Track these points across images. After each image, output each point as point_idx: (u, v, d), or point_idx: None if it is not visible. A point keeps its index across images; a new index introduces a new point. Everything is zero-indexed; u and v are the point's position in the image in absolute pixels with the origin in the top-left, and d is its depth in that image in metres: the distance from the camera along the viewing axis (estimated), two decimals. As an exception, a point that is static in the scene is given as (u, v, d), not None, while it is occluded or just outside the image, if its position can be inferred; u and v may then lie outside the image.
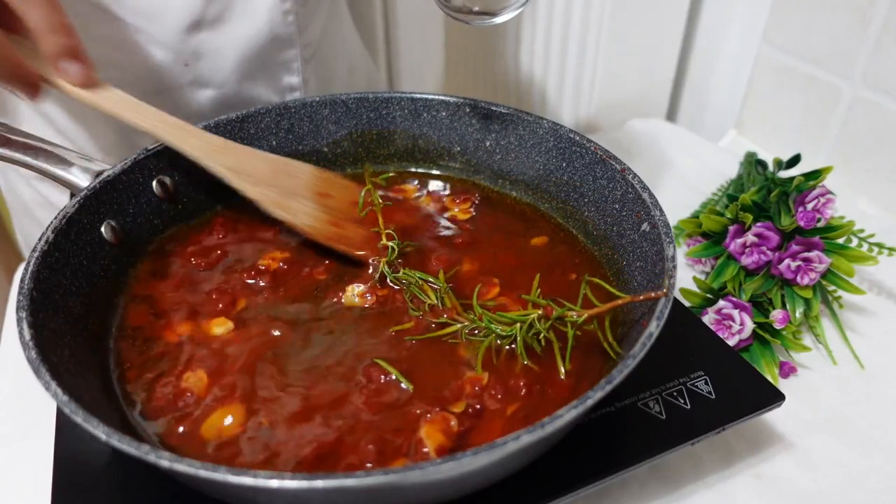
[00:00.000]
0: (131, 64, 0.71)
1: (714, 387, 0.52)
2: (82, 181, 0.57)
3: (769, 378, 0.55)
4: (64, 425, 0.50)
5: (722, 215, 0.70)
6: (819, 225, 0.66)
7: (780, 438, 0.57)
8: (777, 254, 0.65)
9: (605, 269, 0.59)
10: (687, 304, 0.66)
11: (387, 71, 1.22)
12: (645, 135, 1.01)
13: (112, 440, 0.37)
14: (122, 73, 0.71)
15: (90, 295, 0.53)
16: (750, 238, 0.66)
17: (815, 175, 0.69)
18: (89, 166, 0.58)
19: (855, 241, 0.68)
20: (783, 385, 0.62)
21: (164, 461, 0.36)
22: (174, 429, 0.47)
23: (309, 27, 0.79)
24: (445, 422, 0.46)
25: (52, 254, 0.51)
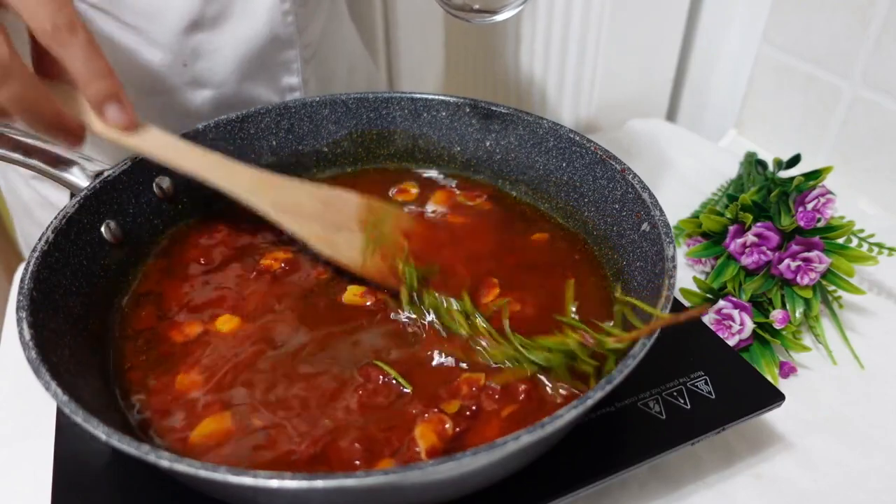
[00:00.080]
0: (130, 64, 0.71)
1: (714, 387, 0.52)
2: (82, 181, 0.57)
3: (769, 378, 0.55)
4: (64, 425, 0.50)
5: (722, 215, 0.70)
6: (819, 225, 0.66)
7: (780, 438, 0.57)
8: (777, 254, 0.65)
9: (605, 269, 0.59)
10: (687, 305, 0.66)
11: (387, 71, 1.22)
12: (645, 135, 1.01)
13: (112, 440, 0.37)
14: (121, 74, 0.71)
15: (90, 295, 0.53)
16: (750, 238, 0.66)
17: (815, 175, 0.69)
18: (89, 166, 0.58)
19: (855, 241, 0.68)
20: (783, 385, 0.62)
21: (164, 461, 0.36)
22: (174, 428, 0.47)
23: (309, 27, 0.79)
24: (441, 423, 0.45)
25: (52, 254, 0.51)
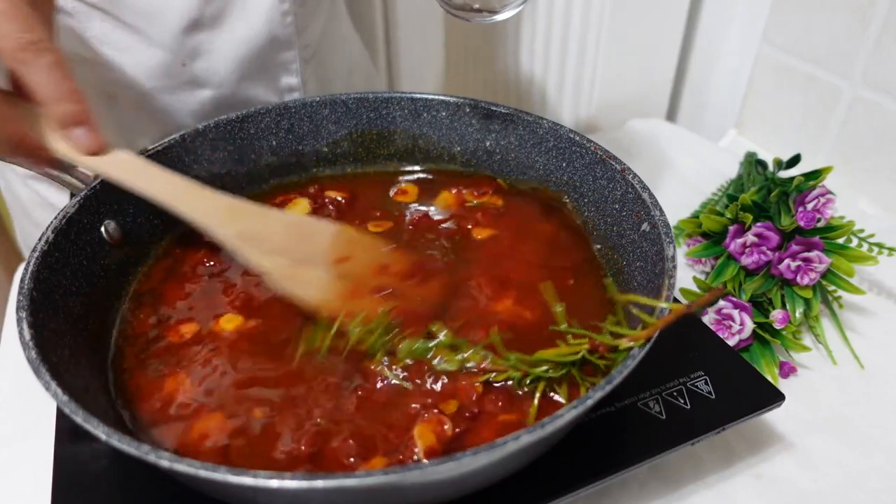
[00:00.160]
0: (129, 64, 0.71)
1: (714, 387, 0.52)
2: (82, 181, 0.57)
3: (769, 378, 0.55)
4: (64, 425, 0.50)
5: (722, 215, 0.69)
6: (819, 225, 0.66)
7: (780, 438, 0.57)
8: (777, 254, 0.65)
9: (605, 269, 0.59)
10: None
11: (387, 71, 1.22)
12: (645, 135, 1.01)
13: (112, 440, 0.37)
14: (120, 74, 0.71)
15: (90, 295, 0.53)
16: (750, 238, 0.66)
17: (816, 175, 0.69)
18: (89, 166, 0.58)
19: (855, 241, 0.68)
20: (783, 385, 0.62)
21: (164, 461, 0.36)
22: (174, 428, 0.47)
23: (308, 28, 0.79)
24: (440, 424, 0.45)
25: (52, 254, 0.51)
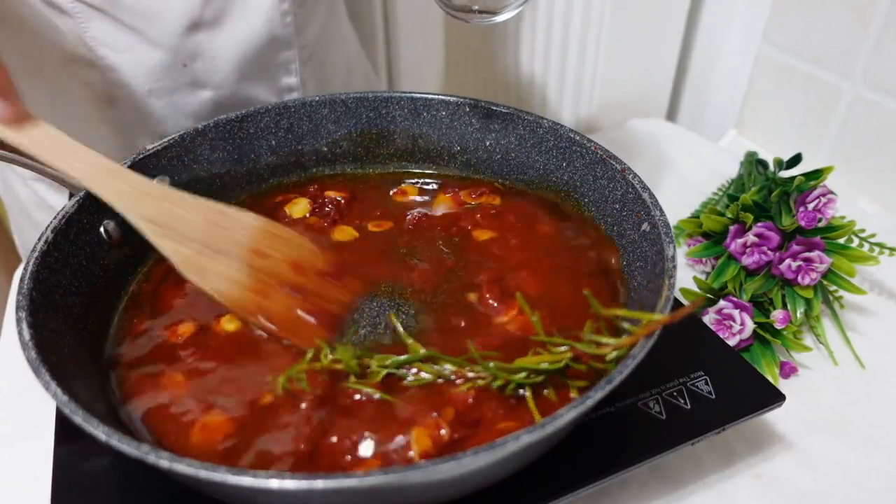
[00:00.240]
0: (129, 65, 0.71)
1: (714, 387, 0.52)
2: (82, 181, 0.56)
3: (769, 378, 0.55)
4: (64, 425, 0.50)
5: (722, 215, 0.69)
6: (820, 225, 0.65)
7: (781, 438, 0.57)
8: (778, 254, 0.65)
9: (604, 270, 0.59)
10: (686, 304, 0.66)
11: (387, 71, 1.22)
12: (645, 135, 1.01)
13: (112, 440, 0.37)
14: (120, 75, 0.71)
15: (90, 295, 0.53)
16: (750, 238, 0.66)
17: (816, 175, 0.69)
18: (89, 166, 0.57)
19: (856, 241, 0.68)
20: (783, 385, 0.62)
21: (164, 461, 0.36)
22: (173, 428, 0.47)
23: (307, 28, 0.79)
24: (437, 428, 0.45)
25: (52, 254, 0.51)
